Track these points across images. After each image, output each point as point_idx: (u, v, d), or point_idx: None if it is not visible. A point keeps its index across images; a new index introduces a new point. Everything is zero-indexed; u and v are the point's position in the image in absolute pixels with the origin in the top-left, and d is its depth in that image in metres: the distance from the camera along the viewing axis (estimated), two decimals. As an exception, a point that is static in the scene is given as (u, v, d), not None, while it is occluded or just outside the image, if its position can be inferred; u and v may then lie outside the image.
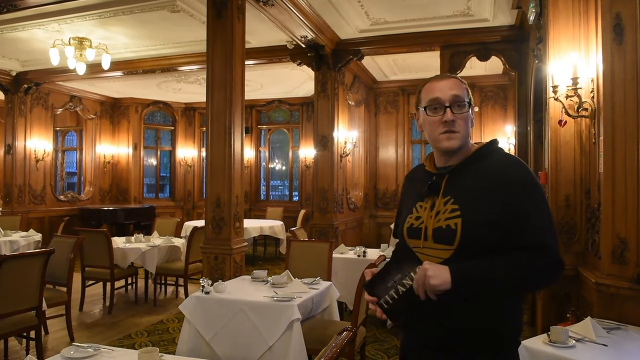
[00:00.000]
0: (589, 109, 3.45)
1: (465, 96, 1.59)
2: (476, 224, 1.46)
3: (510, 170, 1.52)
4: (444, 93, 1.57)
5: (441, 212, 1.54)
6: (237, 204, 5.14)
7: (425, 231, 1.56)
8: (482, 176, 1.53)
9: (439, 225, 1.52)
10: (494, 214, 1.46)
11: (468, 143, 1.61)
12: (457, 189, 1.55)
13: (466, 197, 1.52)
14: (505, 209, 1.45)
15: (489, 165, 1.55)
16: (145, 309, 6.06)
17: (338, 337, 1.86)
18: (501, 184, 1.49)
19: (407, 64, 9.16)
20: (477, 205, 1.48)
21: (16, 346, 4.51)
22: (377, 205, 10.59)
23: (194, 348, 3.45)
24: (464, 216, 1.48)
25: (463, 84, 1.61)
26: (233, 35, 5.10)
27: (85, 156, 12.03)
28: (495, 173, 1.52)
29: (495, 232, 1.45)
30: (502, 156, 1.59)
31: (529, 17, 4.74)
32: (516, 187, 1.48)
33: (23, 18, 6.62)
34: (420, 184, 1.66)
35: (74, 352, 2.29)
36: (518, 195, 1.47)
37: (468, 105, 1.59)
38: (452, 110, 1.56)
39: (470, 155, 1.59)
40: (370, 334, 4.91)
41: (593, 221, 3.43)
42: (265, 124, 12.65)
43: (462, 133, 1.57)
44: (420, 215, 1.60)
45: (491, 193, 1.48)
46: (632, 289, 2.78)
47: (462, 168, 1.57)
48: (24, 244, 6.94)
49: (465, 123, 1.58)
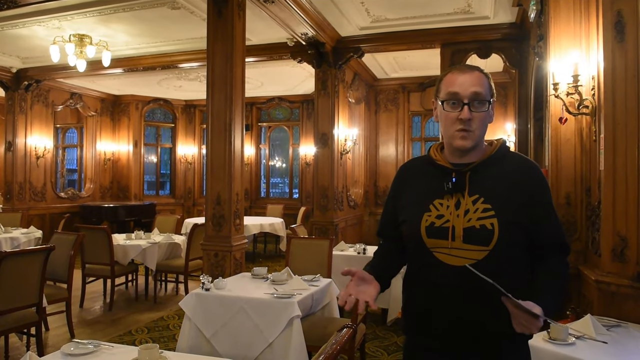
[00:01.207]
0: (590, 107, 3.45)
1: (487, 93, 1.52)
2: (510, 225, 1.46)
3: (531, 174, 1.54)
4: (464, 89, 1.49)
5: (471, 211, 1.48)
6: (238, 201, 5.14)
7: (454, 231, 1.48)
8: (504, 177, 1.52)
9: (472, 225, 1.46)
10: (522, 215, 1.47)
11: (482, 141, 1.58)
12: (483, 187, 1.50)
13: (496, 196, 1.49)
14: (529, 211, 1.49)
15: (509, 166, 1.55)
16: (145, 306, 6.07)
17: (338, 334, 1.86)
18: (524, 186, 1.51)
19: (407, 62, 9.14)
20: (508, 206, 1.48)
21: (17, 342, 4.51)
22: (377, 202, 10.59)
23: (194, 345, 3.46)
24: (499, 216, 1.45)
25: (487, 79, 1.54)
26: (233, 33, 5.09)
27: (86, 153, 12.03)
28: (517, 174, 1.53)
29: (522, 233, 1.48)
30: (518, 157, 1.61)
31: (530, 14, 4.73)
32: (539, 190, 1.53)
33: (23, 15, 6.61)
34: (430, 179, 1.58)
35: (74, 348, 2.29)
36: (540, 199, 1.52)
37: (489, 104, 1.52)
38: (471, 108, 1.49)
39: (492, 155, 1.56)
40: (370, 331, 4.92)
41: (593, 219, 3.42)
42: (266, 121, 12.65)
43: (477, 132, 1.51)
44: (443, 214, 1.51)
45: (516, 194, 1.49)
46: (632, 287, 2.78)
47: (485, 166, 1.54)
48: (24, 241, 6.94)
49: (481, 122, 1.52)
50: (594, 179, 3.46)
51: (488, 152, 1.55)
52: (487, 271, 1.35)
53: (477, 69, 1.55)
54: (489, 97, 1.52)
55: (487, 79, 1.54)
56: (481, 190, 1.49)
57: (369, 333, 4.73)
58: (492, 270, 1.38)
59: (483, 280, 1.30)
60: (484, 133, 1.56)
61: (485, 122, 1.54)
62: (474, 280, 1.33)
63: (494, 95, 1.56)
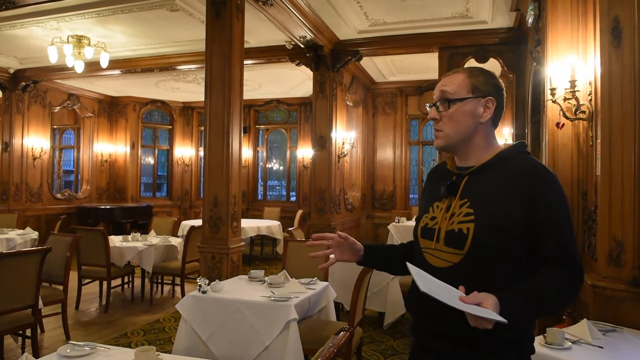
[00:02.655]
0: (587, 112, 3.46)
1: (459, 91, 1.50)
2: (489, 230, 1.40)
3: (531, 174, 1.43)
4: (436, 90, 1.55)
5: (455, 215, 1.48)
6: (235, 204, 5.14)
7: (439, 233, 1.50)
8: (502, 181, 1.45)
9: (452, 228, 1.46)
10: (511, 222, 1.39)
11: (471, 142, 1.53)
12: (474, 191, 1.48)
13: (483, 201, 1.45)
14: (526, 219, 1.39)
15: (510, 169, 1.46)
16: (141, 308, 6.05)
17: (335, 337, 1.86)
18: (523, 191, 1.40)
19: (405, 65, 9.17)
20: (492, 211, 1.42)
21: (12, 344, 4.50)
22: (375, 206, 10.60)
23: (191, 347, 3.45)
24: (477, 221, 1.42)
25: (468, 78, 1.51)
26: (232, 35, 5.10)
27: (83, 154, 12.00)
28: (517, 179, 1.43)
29: (508, 240, 1.39)
30: (526, 161, 1.47)
31: (528, 19, 4.75)
32: (541, 197, 1.39)
33: (21, 15, 6.61)
34: (439, 182, 1.59)
35: (70, 350, 2.28)
36: (545, 206, 1.39)
37: (458, 101, 1.49)
38: (438, 108, 1.52)
39: (493, 158, 1.51)
40: (367, 334, 4.91)
41: (590, 223, 3.43)
42: (264, 123, 12.65)
43: (447, 132, 1.51)
44: (436, 216, 1.54)
45: (510, 199, 1.41)
46: (628, 291, 2.78)
47: (483, 170, 1.50)
48: (20, 242, 6.93)
49: (452, 121, 1.50)
50: (590, 183, 3.47)
51: (487, 157, 1.53)
52: (462, 275, 1.40)
53: (462, 70, 1.56)
54: (463, 95, 1.50)
55: (469, 78, 1.52)
56: (470, 194, 1.49)
57: (365, 337, 4.72)
58: (468, 273, 1.41)
59: (464, 282, 1.34)
60: (462, 132, 1.51)
61: (460, 120, 1.50)
62: (455, 282, 1.36)
63: (479, 92, 1.50)
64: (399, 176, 10.57)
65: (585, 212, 3.59)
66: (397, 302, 5.07)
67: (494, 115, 1.53)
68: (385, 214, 10.24)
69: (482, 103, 1.51)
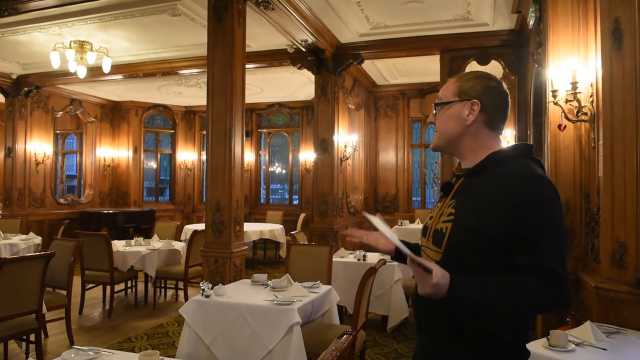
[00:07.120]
0: (589, 114, 3.46)
1: (448, 95, 1.57)
2: (464, 231, 1.42)
3: (519, 186, 1.39)
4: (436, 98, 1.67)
5: (443, 214, 1.54)
6: (237, 208, 5.15)
7: (429, 231, 1.58)
8: (489, 183, 1.45)
9: (437, 227, 1.53)
10: (489, 226, 1.38)
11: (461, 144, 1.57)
12: (463, 193, 1.52)
13: (465, 202, 1.48)
14: (506, 225, 1.36)
15: (500, 173, 1.45)
16: (145, 313, 6.06)
17: (338, 340, 1.86)
18: (506, 197, 1.38)
19: (407, 68, 9.18)
20: (471, 213, 1.44)
21: (16, 349, 4.51)
22: (377, 209, 10.59)
23: (194, 352, 3.45)
24: (454, 221, 1.47)
25: (457, 82, 1.57)
26: (233, 39, 5.12)
27: (85, 159, 12.04)
28: (502, 184, 1.41)
29: (484, 243, 1.38)
30: (517, 166, 1.45)
31: (529, 21, 4.75)
32: (523, 205, 1.36)
33: (24, 21, 6.64)
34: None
35: (74, 355, 2.29)
36: (524, 214, 1.36)
37: (445, 104, 1.58)
38: (435, 112, 1.62)
39: (484, 160, 1.52)
40: (370, 338, 4.91)
41: (592, 225, 3.43)
42: (266, 127, 12.67)
43: (437, 134, 1.63)
44: (433, 215, 1.62)
45: (492, 204, 1.40)
46: (631, 293, 2.78)
47: (476, 172, 1.52)
48: (23, 247, 6.94)
49: (443, 123, 1.59)
50: (592, 185, 3.47)
51: (480, 159, 1.54)
52: None
53: (457, 75, 1.65)
54: (450, 98, 1.57)
55: (457, 82, 1.58)
56: (459, 195, 1.54)
57: (368, 340, 4.72)
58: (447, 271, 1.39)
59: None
60: (448, 135, 1.59)
61: (447, 123, 1.58)
62: None
63: (465, 95, 1.54)
64: (402, 179, 10.57)
65: (588, 214, 3.59)
66: (400, 305, 5.07)
67: (486, 117, 1.54)
68: (388, 217, 10.21)
69: (468, 106, 1.54)
